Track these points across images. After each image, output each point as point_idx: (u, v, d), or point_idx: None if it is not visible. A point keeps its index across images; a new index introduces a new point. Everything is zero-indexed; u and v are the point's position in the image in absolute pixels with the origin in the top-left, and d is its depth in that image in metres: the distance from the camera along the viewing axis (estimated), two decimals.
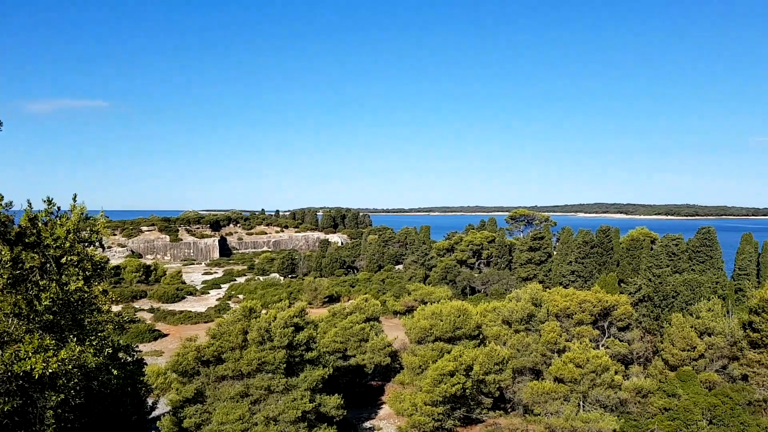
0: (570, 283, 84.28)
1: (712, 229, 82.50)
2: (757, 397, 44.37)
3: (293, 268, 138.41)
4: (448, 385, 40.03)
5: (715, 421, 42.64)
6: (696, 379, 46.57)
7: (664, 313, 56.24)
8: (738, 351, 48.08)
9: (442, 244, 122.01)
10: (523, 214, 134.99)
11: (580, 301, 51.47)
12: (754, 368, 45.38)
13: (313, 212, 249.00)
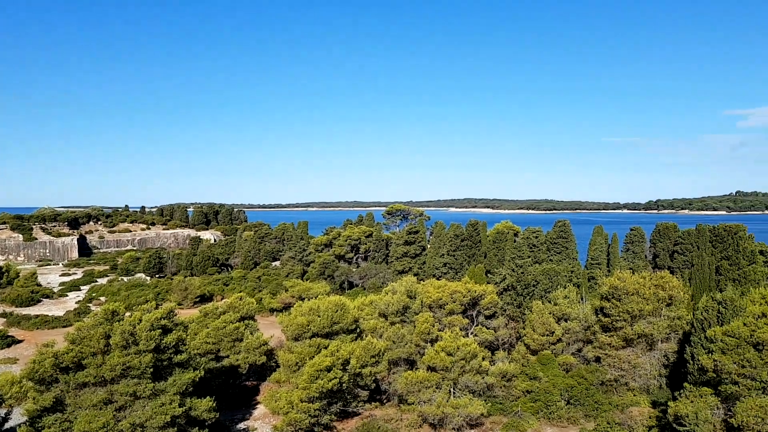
0: (442, 275, 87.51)
1: (568, 222, 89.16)
2: (609, 377, 48.56)
3: (161, 268, 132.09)
4: (325, 380, 40.06)
5: (572, 400, 46.19)
6: (555, 362, 50.16)
7: (526, 301, 59.96)
8: (591, 335, 52.29)
9: (320, 240, 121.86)
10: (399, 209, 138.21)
11: (451, 292, 53.53)
12: (606, 350, 49.58)
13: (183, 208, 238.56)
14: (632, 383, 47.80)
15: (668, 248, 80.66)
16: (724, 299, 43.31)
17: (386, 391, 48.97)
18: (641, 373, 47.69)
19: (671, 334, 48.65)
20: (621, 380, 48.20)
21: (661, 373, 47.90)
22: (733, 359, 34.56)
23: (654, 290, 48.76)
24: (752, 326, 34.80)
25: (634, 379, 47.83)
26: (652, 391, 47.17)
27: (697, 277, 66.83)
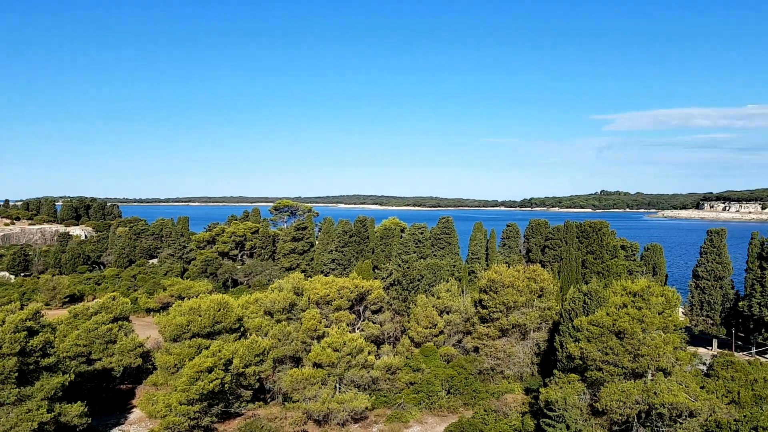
0: (330, 271, 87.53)
1: (451, 218, 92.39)
2: (486, 366, 50.88)
3: (27, 266, 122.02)
4: (206, 381, 38.77)
5: (453, 390, 47.90)
6: (437, 354, 51.80)
7: (411, 295, 61.40)
8: (471, 326, 54.49)
9: (202, 236, 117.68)
10: (287, 204, 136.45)
11: (339, 288, 53.65)
12: (484, 341, 51.88)
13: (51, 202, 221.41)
14: (507, 371, 50.39)
15: (540, 243, 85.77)
16: (590, 291, 46.71)
17: (271, 390, 48.24)
18: (515, 361, 50.39)
19: (542, 323, 51.78)
20: (497, 368, 50.66)
21: (534, 360, 50.88)
22: (598, 347, 37.33)
23: (527, 283, 51.64)
24: (614, 316, 37.76)
25: (509, 367, 50.44)
26: (525, 378, 49.96)
27: (566, 270, 71.60)
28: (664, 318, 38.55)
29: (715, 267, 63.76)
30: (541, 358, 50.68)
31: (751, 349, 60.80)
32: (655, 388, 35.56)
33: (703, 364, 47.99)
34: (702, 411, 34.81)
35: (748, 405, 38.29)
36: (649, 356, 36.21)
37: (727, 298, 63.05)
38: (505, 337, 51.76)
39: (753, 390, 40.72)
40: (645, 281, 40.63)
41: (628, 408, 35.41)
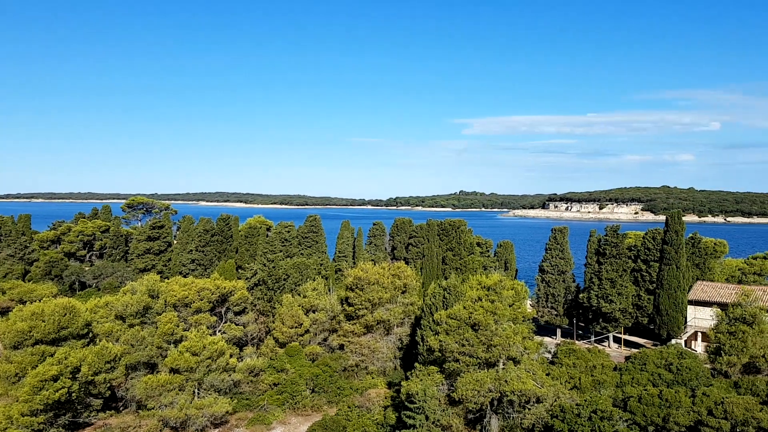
0: (190, 272, 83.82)
1: (318, 217, 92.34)
2: (351, 363, 51.43)
3: None
4: (50, 390, 35.69)
5: (317, 389, 47.87)
6: (302, 353, 51.50)
7: (277, 295, 60.51)
8: (337, 324, 54.80)
9: (46, 235, 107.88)
10: (142, 202, 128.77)
11: (198, 290, 51.59)
12: (349, 338, 52.39)
13: None
14: (372, 367, 51.30)
15: (404, 241, 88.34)
16: (449, 286, 48.79)
17: (123, 398, 45.31)
18: (379, 357, 51.44)
19: (405, 318, 53.31)
20: (362, 365, 51.40)
21: (396, 355, 52.24)
22: (455, 339, 39.10)
23: (392, 279, 52.90)
24: (470, 309, 39.76)
25: (373, 362, 51.39)
26: (389, 372, 51.16)
27: (428, 267, 74.33)
28: (514, 310, 41.24)
29: (558, 262, 69.23)
30: (404, 353, 52.14)
31: (590, 338, 66.74)
32: (506, 376, 37.91)
33: (548, 353, 51.81)
34: (548, 396, 37.64)
35: (588, 390, 41.92)
36: (501, 346, 38.53)
37: (569, 291, 68.74)
38: (370, 333, 52.62)
39: (592, 375, 44.68)
40: (497, 276, 43.18)
41: (482, 396, 37.43)
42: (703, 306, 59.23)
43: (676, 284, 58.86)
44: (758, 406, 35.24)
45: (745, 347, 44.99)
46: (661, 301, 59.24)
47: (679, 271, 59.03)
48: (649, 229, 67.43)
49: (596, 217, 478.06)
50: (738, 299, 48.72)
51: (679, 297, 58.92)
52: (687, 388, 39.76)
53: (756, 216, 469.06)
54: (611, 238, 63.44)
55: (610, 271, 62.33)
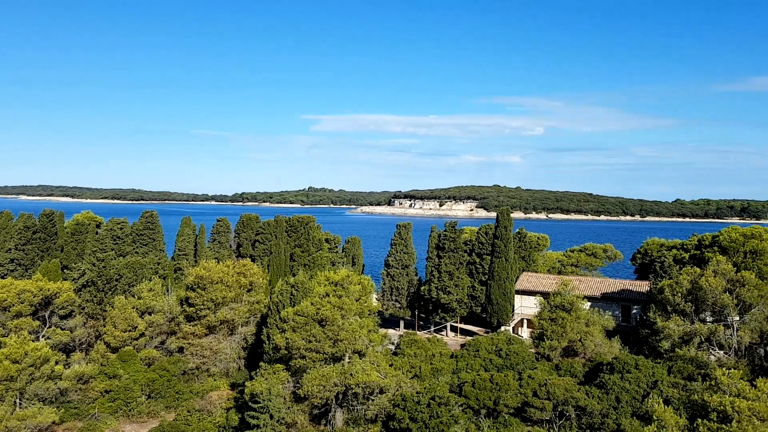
0: (9, 272, 75.21)
1: (155, 213, 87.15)
2: (191, 365, 49.33)
3: None
4: None
5: (154, 394, 45.33)
6: (137, 358, 48.44)
7: (108, 297, 56.34)
8: (176, 326, 52.24)
9: None
10: None
11: (19, 292, 46.73)
12: (189, 340, 50.19)
13: None
14: (213, 369, 49.63)
15: (251, 238, 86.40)
16: (296, 282, 48.57)
17: None
18: (222, 358, 49.91)
19: (251, 317, 52.22)
20: (203, 367, 49.55)
21: (241, 355, 51.01)
22: (302, 336, 39.05)
23: (237, 278, 51.54)
24: (318, 305, 39.94)
25: (215, 364, 49.75)
26: (232, 373, 49.82)
27: (275, 264, 73.40)
28: (360, 304, 42.14)
29: (402, 257, 71.87)
30: (249, 352, 51.06)
31: (430, 328, 70.07)
32: (352, 369, 38.63)
33: (392, 344, 53.59)
34: (391, 387, 38.93)
35: (428, 378, 44.00)
36: (347, 340, 39.18)
37: (412, 284, 71.65)
38: (212, 334, 50.87)
39: (431, 364, 46.96)
40: (345, 271, 43.87)
41: (328, 391, 37.81)
42: (528, 295, 64.73)
43: (505, 275, 63.67)
44: (576, 387, 39.27)
45: (565, 332, 49.88)
46: (492, 292, 63.77)
47: (507, 263, 63.88)
48: (482, 225, 72.27)
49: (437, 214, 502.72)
50: (558, 288, 53.91)
51: (507, 287, 63.80)
52: (515, 371, 43.18)
53: (573, 213, 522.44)
54: (450, 234, 67.09)
55: (449, 264, 65.91)
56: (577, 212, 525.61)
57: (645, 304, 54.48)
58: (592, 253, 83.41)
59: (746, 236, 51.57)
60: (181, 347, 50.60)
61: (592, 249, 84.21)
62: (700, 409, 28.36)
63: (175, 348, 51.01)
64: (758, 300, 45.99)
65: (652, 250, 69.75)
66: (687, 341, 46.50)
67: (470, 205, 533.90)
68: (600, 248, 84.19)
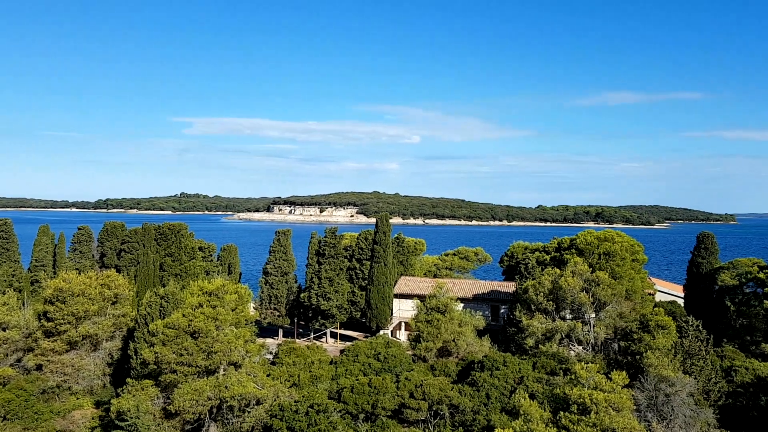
0: None
1: (9, 220, 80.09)
2: (51, 384, 45.51)
3: None
4: None
5: (10, 415, 41.39)
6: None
7: None
8: (33, 342, 48.09)
9: None
10: None
11: None
12: (48, 357, 46.32)
13: None
14: (76, 387, 46.18)
15: (116, 247, 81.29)
16: (167, 293, 46.37)
17: None
18: (85, 375, 46.57)
19: (116, 332, 49.15)
20: (64, 385, 46.00)
21: (106, 372, 47.84)
22: (173, 349, 37.27)
23: (100, 290, 48.32)
24: (190, 316, 38.33)
25: (78, 381, 46.33)
26: (97, 391, 46.63)
27: (143, 274, 69.57)
28: (236, 314, 40.99)
29: (281, 264, 70.92)
30: (115, 368, 48.01)
31: (310, 335, 69.65)
32: (227, 382, 37.50)
33: (270, 354, 52.64)
34: (268, 397, 38.20)
35: (307, 386, 43.67)
36: (222, 352, 37.99)
37: (291, 291, 70.88)
38: (74, 350, 47.32)
39: (310, 371, 46.65)
40: (220, 280, 42.49)
41: (201, 405, 36.45)
42: (406, 298, 66.29)
43: (384, 280, 64.81)
44: (450, 386, 40.71)
45: (440, 333, 51.59)
46: (372, 296, 64.64)
47: (386, 268, 65.07)
48: (362, 231, 73.19)
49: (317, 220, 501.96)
50: (433, 291, 55.68)
51: (386, 291, 64.96)
52: (393, 374, 44.01)
53: (448, 218, 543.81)
54: (330, 240, 67.18)
55: (329, 270, 65.96)
56: (451, 217, 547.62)
57: (512, 303, 57.62)
58: (465, 256, 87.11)
59: (600, 239, 56.03)
60: (40, 365, 46.65)
61: (464, 253, 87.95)
62: (562, 402, 30.43)
63: (33, 366, 46.95)
64: (611, 298, 50.22)
65: (518, 252, 74.00)
66: (549, 338, 49.77)
67: (351, 211, 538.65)
68: (472, 252, 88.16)
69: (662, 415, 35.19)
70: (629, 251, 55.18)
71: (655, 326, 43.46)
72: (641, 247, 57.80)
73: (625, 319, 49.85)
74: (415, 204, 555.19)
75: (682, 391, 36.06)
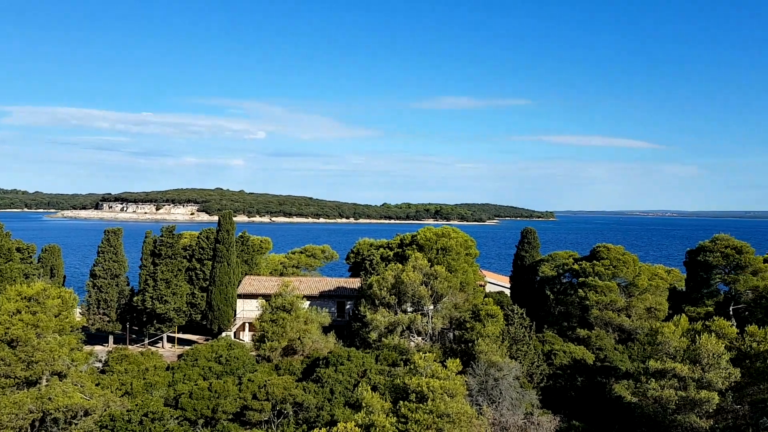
0: None
1: None
2: None
3: None
4: None
5: None
6: None
7: None
8: None
9: None
10: None
11: None
12: None
13: None
14: None
15: None
16: None
17: None
18: None
19: None
20: None
21: None
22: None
23: None
24: (7, 324, 34.57)
25: None
26: None
27: None
28: (60, 320, 37.60)
29: (111, 265, 66.11)
30: None
31: (144, 341, 65.63)
32: (50, 393, 34.36)
33: (99, 362, 48.99)
34: (97, 407, 35.50)
35: (140, 394, 41.16)
36: (44, 362, 34.78)
37: (123, 295, 66.35)
38: None
39: (144, 379, 44.03)
40: (41, 284, 38.67)
41: (21, 419, 33.21)
42: (251, 299, 64.95)
43: (227, 280, 62.97)
44: (294, 384, 40.58)
45: (285, 332, 51.20)
46: (214, 297, 62.51)
47: (230, 267, 63.28)
48: (204, 229, 70.43)
49: (153, 218, 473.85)
50: (279, 290, 55.14)
51: (229, 292, 63.16)
52: (235, 376, 42.92)
53: (295, 216, 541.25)
54: (167, 239, 63.82)
55: (166, 271, 62.65)
56: (299, 215, 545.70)
57: (357, 299, 58.81)
58: (312, 254, 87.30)
59: (438, 235, 59.02)
60: None
61: (311, 250, 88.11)
62: (402, 392, 31.60)
63: None
64: (448, 290, 53.13)
65: (363, 249, 75.70)
66: (392, 331, 51.51)
67: (191, 209, 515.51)
68: (319, 249, 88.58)
69: (491, 398, 37.91)
70: (463, 246, 58.72)
71: (486, 315, 46.72)
72: (474, 242, 61.84)
73: (460, 310, 52.99)
74: (261, 201, 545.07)
75: (509, 375, 39.09)
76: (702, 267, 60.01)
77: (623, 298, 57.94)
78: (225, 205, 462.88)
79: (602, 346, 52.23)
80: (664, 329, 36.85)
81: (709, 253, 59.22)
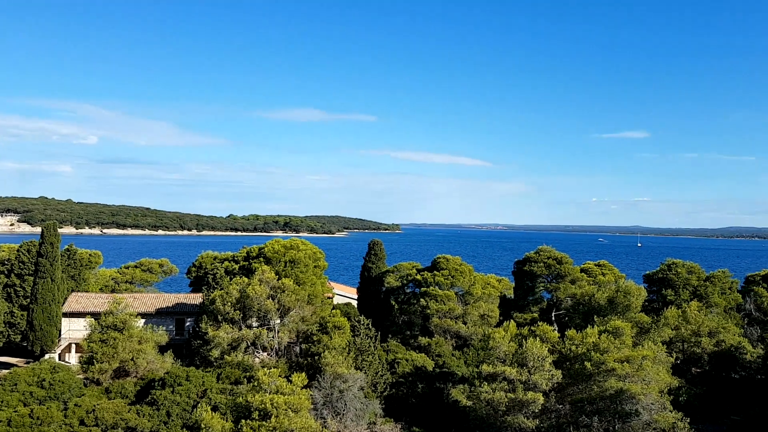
0: None
1: None
2: None
3: None
4: None
5: None
6: None
7: None
8: None
9: None
10: None
11: None
12: None
13: None
14: None
15: None
16: None
17: None
18: None
19: None
20: None
21: None
22: None
23: None
24: None
25: None
26: None
27: None
28: None
29: None
30: None
31: None
32: None
33: None
34: None
35: None
36: None
37: None
38: None
39: None
40: None
41: None
42: (78, 317, 59.64)
43: (51, 297, 57.41)
44: (126, 408, 37.90)
45: (116, 353, 47.67)
46: (35, 317, 56.65)
47: (54, 283, 57.76)
48: (24, 242, 63.87)
49: None
50: (110, 308, 51.24)
51: (54, 310, 57.58)
52: (60, 401, 39.26)
53: (130, 228, 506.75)
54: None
55: None
56: (135, 227, 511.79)
57: (198, 315, 56.30)
58: (148, 268, 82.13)
59: (287, 247, 58.46)
60: None
61: (148, 264, 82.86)
62: (244, 410, 30.80)
63: None
64: (295, 303, 52.74)
65: (206, 263, 72.84)
66: (235, 347, 49.98)
67: (11, 219, 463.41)
68: (156, 263, 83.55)
69: (336, 411, 38.21)
70: (312, 258, 58.77)
71: (333, 327, 47.05)
72: (323, 254, 62.11)
73: (307, 323, 52.86)
74: (91, 212, 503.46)
75: (354, 386, 39.68)
76: (528, 276, 65.49)
77: (460, 306, 61.42)
78: (50, 215, 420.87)
79: (441, 352, 54.87)
80: (495, 335, 39.58)
81: (533, 263, 64.78)
